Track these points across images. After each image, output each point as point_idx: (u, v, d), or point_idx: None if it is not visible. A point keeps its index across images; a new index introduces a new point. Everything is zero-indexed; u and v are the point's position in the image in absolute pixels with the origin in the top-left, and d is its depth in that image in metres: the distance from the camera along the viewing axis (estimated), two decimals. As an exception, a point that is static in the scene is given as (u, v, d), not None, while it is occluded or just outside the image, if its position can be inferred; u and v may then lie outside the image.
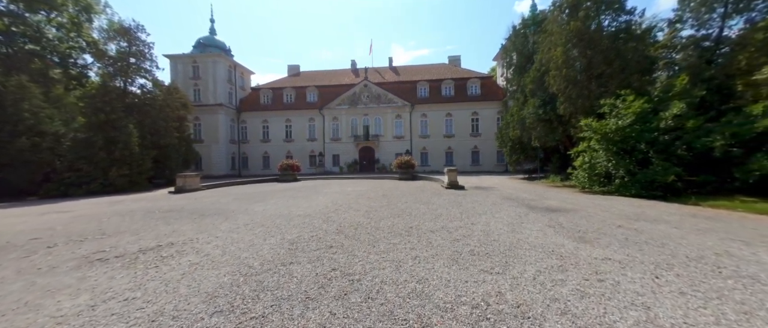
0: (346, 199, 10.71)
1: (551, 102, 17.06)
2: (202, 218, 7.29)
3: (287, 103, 37.42)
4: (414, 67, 42.99)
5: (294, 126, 37.07)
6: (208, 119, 33.89)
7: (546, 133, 17.46)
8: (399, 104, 35.73)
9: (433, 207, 8.61)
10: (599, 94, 14.30)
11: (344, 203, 9.70)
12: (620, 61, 14.35)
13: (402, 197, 11.08)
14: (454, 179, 15.13)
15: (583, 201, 9.47)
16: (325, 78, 40.71)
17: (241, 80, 38.20)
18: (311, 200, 10.66)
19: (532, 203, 9.19)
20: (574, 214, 7.24)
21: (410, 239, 4.96)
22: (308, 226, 6.02)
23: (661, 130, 10.71)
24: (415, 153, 35.52)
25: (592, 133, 11.87)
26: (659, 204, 8.72)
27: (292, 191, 14.09)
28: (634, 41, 14.35)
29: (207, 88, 33.87)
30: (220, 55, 34.02)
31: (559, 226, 5.92)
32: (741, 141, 8.99)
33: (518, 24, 23.46)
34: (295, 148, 36.95)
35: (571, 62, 15.00)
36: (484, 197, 11.08)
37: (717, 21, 14.28)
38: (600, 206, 8.33)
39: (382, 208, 8.48)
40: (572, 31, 14.79)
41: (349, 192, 13.28)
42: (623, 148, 11.58)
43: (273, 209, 8.41)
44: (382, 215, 7.37)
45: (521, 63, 22.74)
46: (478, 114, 34.76)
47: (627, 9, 14.54)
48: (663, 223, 6.11)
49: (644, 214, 7.13)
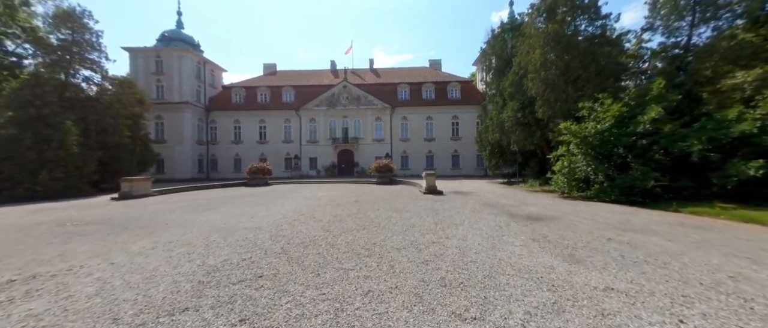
0: (313, 206, 9.57)
1: (530, 105, 16.83)
2: (120, 233, 5.90)
3: (261, 102, 35.50)
4: (395, 70, 42.46)
5: (268, 127, 35.18)
6: (173, 118, 31.32)
7: (525, 137, 17.20)
8: (379, 106, 34.91)
9: (406, 216, 7.69)
10: (576, 97, 14.13)
11: (308, 211, 8.57)
12: (596, 65, 14.31)
13: (375, 204, 10.10)
14: (433, 184, 14.39)
15: (564, 208, 8.94)
16: (303, 78, 39.18)
17: (211, 77, 35.83)
18: (272, 207, 9.42)
19: (512, 210, 8.52)
20: (557, 223, 6.58)
21: (369, 261, 3.97)
22: (247, 244, 4.87)
23: (638, 135, 10.49)
24: (396, 156, 34.78)
25: (572, 136, 11.53)
26: (641, 211, 8.33)
27: (256, 197, 12.71)
28: (609, 46, 14.38)
29: (171, 85, 31.34)
30: (187, 50, 31.65)
31: (545, 239, 5.17)
32: (718, 146, 8.85)
33: (497, 28, 23.42)
34: (269, 150, 35.03)
35: (549, 65, 14.80)
36: (462, 203, 10.35)
37: (686, 29, 14.62)
38: (583, 214, 7.77)
39: (348, 217, 7.44)
40: (550, 33, 14.61)
41: (320, 198, 12.12)
42: (602, 153, 11.31)
43: (219, 220, 7.12)
44: (345, 226, 6.33)
45: (500, 67, 22.64)
46: (458, 118, 34.63)
47: (602, 14, 14.57)
48: (653, 234, 5.53)
49: (630, 223, 6.58)
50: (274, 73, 40.80)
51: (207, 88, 34.89)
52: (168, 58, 31.52)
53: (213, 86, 36.06)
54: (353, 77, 37.94)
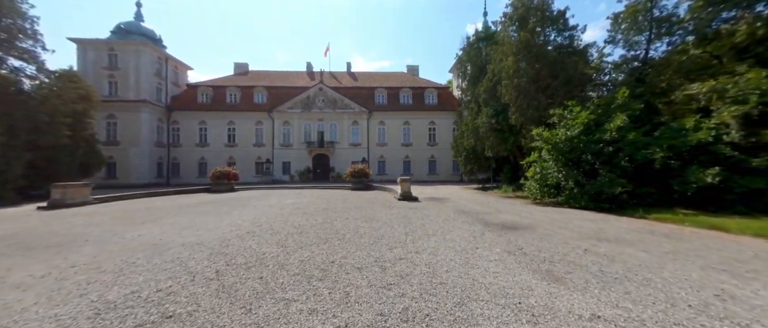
0: (274, 215, 8.67)
1: (503, 112, 17.04)
2: (14, 254, 4.72)
3: (231, 103, 33.49)
4: (372, 74, 42.14)
5: (238, 129, 33.21)
6: (128, 118, 28.53)
7: (498, 143, 17.36)
8: (356, 110, 34.26)
9: (376, 226, 7.07)
10: (547, 105, 14.43)
11: (267, 221, 7.68)
12: (564, 74, 14.75)
13: (345, 212, 9.40)
14: (408, 190, 13.93)
15: (537, 215, 8.78)
16: (277, 79, 37.62)
17: (173, 75, 33.28)
18: (228, 217, 8.39)
19: (486, 218, 8.20)
20: (532, 233, 6.28)
21: (320, 287, 3.29)
22: (175, 267, 3.99)
23: (605, 142, 10.73)
24: (373, 161, 34.21)
25: (544, 142, 11.60)
26: (610, 218, 8.35)
27: (214, 205, 11.49)
28: (576, 56, 14.91)
29: (127, 81, 28.62)
30: (145, 44, 29.13)
31: (520, 252, 4.78)
32: (677, 154, 9.18)
33: (472, 37, 23.83)
34: (238, 153, 33.03)
35: (521, 73, 15.05)
36: (437, 210, 9.93)
37: (644, 44, 15.54)
38: (556, 222, 7.60)
39: (311, 229, 6.68)
40: (521, 42, 14.88)
41: (286, 206, 11.18)
42: (571, 159, 11.46)
43: (154, 235, 6.07)
44: (305, 240, 5.58)
45: (475, 74, 22.98)
46: (435, 123, 34.83)
47: (570, 25, 15.11)
48: (627, 244, 5.35)
49: (603, 232, 6.44)
50: (246, 73, 38.85)
51: (169, 87, 32.32)
52: (123, 53, 28.80)
53: (176, 85, 33.50)
54: (330, 80, 37.06)
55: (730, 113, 8.35)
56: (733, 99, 8.60)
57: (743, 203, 7.89)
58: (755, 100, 7.97)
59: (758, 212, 7.53)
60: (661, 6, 14.92)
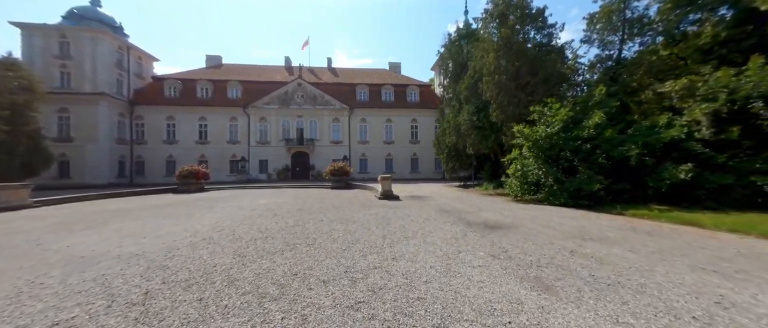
0: (241, 218, 7.88)
1: (485, 109, 16.97)
2: None
3: (202, 97, 31.49)
4: (353, 71, 41.27)
5: (210, 125, 31.32)
6: (83, 112, 25.99)
7: (480, 141, 17.29)
8: (337, 107, 33.35)
9: (352, 228, 6.52)
10: (527, 102, 14.46)
11: (231, 225, 6.90)
12: (544, 72, 14.85)
13: (321, 213, 8.76)
14: (388, 189, 13.45)
15: (519, 213, 8.59)
16: (253, 73, 35.89)
17: (137, 67, 30.77)
18: (186, 221, 7.50)
19: (469, 217, 7.87)
20: (516, 233, 5.99)
21: (272, 310, 2.70)
22: (94, 287, 3.24)
23: (583, 139, 10.78)
24: (354, 159, 33.51)
25: (524, 139, 11.51)
26: (590, 215, 8.29)
27: (175, 207, 10.43)
28: (555, 54, 15.06)
29: (82, 72, 26.05)
30: (103, 32, 26.63)
31: (505, 255, 4.42)
32: (651, 151, 9.33)
33: (453, 34, 23.71)
34: (211, 151, 31.17)
35: (501, 69, 14.98)
36: (418, 209, 9.52)
37: (617, 44, 15.98)
38: (538, 220, 7.40)
39: (279, 233, 6.01)
40: (502, 38, 14.81)
41: (256, 207, 10.34)
42: (551, 156, 11.46)
43: (89, 245, 5.16)
44: (268, 247, 4.93)
45: (457, 71, 22.88)
46: (417, 121, 34.63)
47: (549, 23, 15.21)
48: (612, 243, 5.16)
49: (586, 230, 6.27)
50: (219, 67, 36.73)
51: (132, 79, 29.85)
52: (77, 40, 26.16)
53: (140, 77, 31.01)
54: (309, 75, 35.83)
55: (701, 111, 8.54)
56: (703, 97, 8.83)
57: (713, 199, 8.10)
58: (724, 98, 8.19)
59: (727, 207, 7.74)
60: (633, 7, 15.38)
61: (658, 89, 10.95)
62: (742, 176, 7.94)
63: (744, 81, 7.93)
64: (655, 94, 11.03)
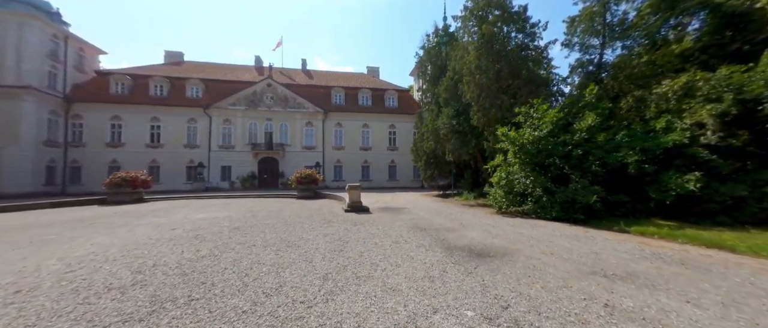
0: (141, 244, 5.67)
1: (465, 112, 15.72)
2: None
3: (156, 95, 28.16)
4: (329, 73, 39.43)
5: (165, 127, 27.96)
6: (2, 108, 21.95)
7: (460, 146, 15.96)
8: (310, 110, 31.20)
9: (288, 260, 4.59)
10: (510, 104, 13.33)
11: (109, 258, 4.72)
12: (527, 73, 13.87)
13: (261, 233, 6.72)
14: (357, 199, 11.60)
15: (509, 232, 7.05)
16: (217, 72, 32.95)
17: (77, 59, 26.96)
18: (46, 249, 5.19)
19: (449, 238, 6.20)
20: (512, 265, 4.36)
21: None
22: None
23: (574, 144, 9.62)
24: (328, 166, 31.34)
25: (510, 144, 10.18)
26: (591, 233, 6.92)
27: (67, 226, 7.89)
28: (537, 53, 14.17)
29: (3, 62, 22.14)
30: (33, 16, 22.92)
31: (509, 317, 2.71)
32: (651, 157, 8.25)
33: (432, 34, 22.68)
34: (164, 156, 27.74)
35: (483, 69, 13.81)
36: (388, 225, 7.74)
37: (598, 48, 15.44)
38: (536, 242, 5.87)
39: (168, 272, 3.96)
40: (483, 35, 13.69)
41: (183, 225, 8.07)
42: (539, 163, 10.21)
43: None
44: (109, 312, 2.90)
45: (435, 74, 21.72)
46: (395, 127, 33.21)
47: (532, 22, 14.33)
48: (652, 286, 3.65)
49: (600, 258, 4.78)
50: (180, 64, 33.44)
51: (70, 72, 26.01)
52: (1, 24, 22.27)
53: (80, 71, 27.17)
54: (281, 77, 33.49)
55: (707, 112, 7.58)
56: (705, 97, 7.93)
57: (725, 213, 7.06)
58: (731, 99, 7.27)
59: (743, 223, 6.69)
60: (614, 11, 14.94)
61: (655, 90, 10.07)
62: (755, 187, 6.96)
63: (756, 77, 7.04)
64: (654, 94, 10.13)
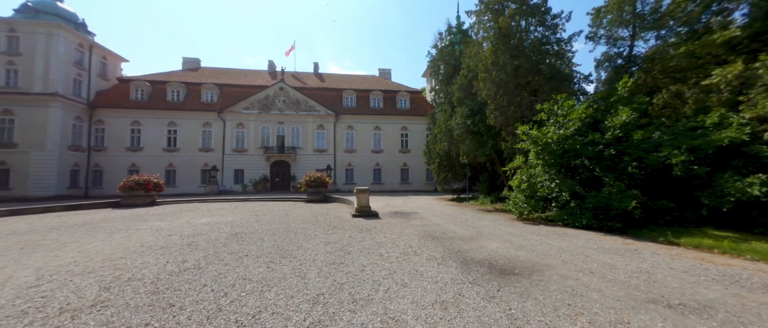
0: (131, 252, 5.27)
1: (480, 112, 14.83)
2: None
3: (173, 101, 28.81)
4: (340, 76, 39.25)
5: (181, 131, 28.50)
6: (31, 114, 23.00)
7: (475, 147, 15.05)
8: (322, 113, 31.01)
9: (280, 274, 4.01)
10: (530, 102, 12.37)
11: (87, 269, 4.31)
12: (549, 67, 12.87)
13: (259, 241, 6.21)
14: (365, 204, 11.00)
15: (535, 241, 6.19)
16: (231, 77, 33.48)
17: (101, 67, 28.05)
18: (26, 259, 4.86)
19: (465, 249, 5.43)
20: (543, 287, 3.57)
21: None
22: None
23: (605, 142, 8.59)
24: (340, 169, 30.97)
25: (532, 143, 9.26)
26: (635, 245, 5.94)
27: (67, 230, 7.71)
28: (560, 46, 13.13)
29: (32, 70, 23.22)
30: (58, 26, 23.98)
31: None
32: (702, 157, 7.14)
33: (445, 32, 21.92)
34: (180, 160, 28.24)
35: (500, 65, 12.92)
36: (397, 234, 7.05)
37: (627, 40, 14.19)
38: (569, 257, 5.01)
39: (139, 289, 3.47)
40: (500, 28, 12.83)
41: (183, 230, 7.73)
42: (564, 164, 9.23)
43: None
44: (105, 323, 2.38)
45: (448, 73, 20.95)
46: (407, 129, 32.47)
47: (554, 13, 13.33)
48: (728, 318, 2.79)
49: (657, 280, 3.89)
50: (197, 70, 34.26)
51: (94, 80, 27.07)
52: (29, 35, 23.46)
53: (104, 78, 28.26)
54: (294, 81, 33.60)
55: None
56: None
57: (800, 223, 5.92)
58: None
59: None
60: (645, 0, 13.68)
61: (704, 81, 8.90)
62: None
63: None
64: (702, 86, 8.97)
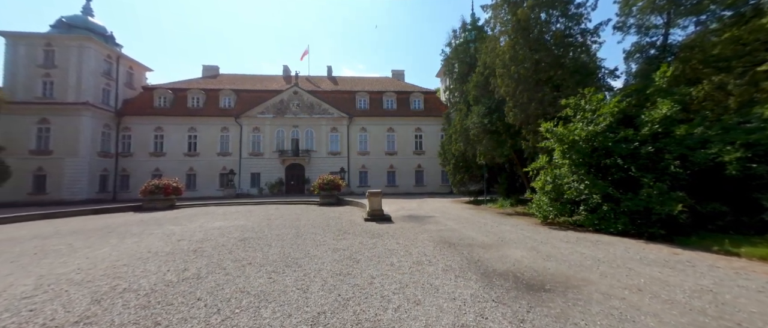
0: (133, 259, 5.15)
1: (498, 110, 14.08)
2: None
3: (193, 107, 29.80)
4: (353, 78, 39.26)
5: (201, 136, 29.40)
6: (65, 123, 24.46)
7: (493, 147, 14.30)
8: (335, 115, 31.07)
9: (279, 287, 3.68)
10: (553, 98, 11.55)
11: (84, 279, 4.18)
12: (573, 60, 12.00)
13: (266, 247, 5.95)
14: (377, 207, 10.60)
15: (565, 250, 5.55)
16: (248, 82, 34.26)
17: (127, 76, 29.49)
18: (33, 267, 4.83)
19: (486, 258, 4.90)
20: (584, 307, 3.01)
21: None
22: None
23: (642, 139, 7.74)
24: (353, 171, 30.83)
25: (557, 141, 8.54)
26: (690, 257, 5.16)
27: (91, 235, 7.82)
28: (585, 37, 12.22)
29: (65, 81, 24.71)
30: (89, 39, 25.42)
31: None
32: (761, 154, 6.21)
33: (459, 29, 21.25)
34: (200, 163, 29.10)
35: (519, 59, 12.18)
36: (410, 239, 6.60)
37: (661, 28, 13.02)
38: (607, 268, 4.36)
39: (129, 303, 3.24)
40: (519, 20, 12.11)
41: (194, 234, 7.65)
42: (594, 164, 8.43)
43: None
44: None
45: (463, 71, 20.22)
46: (421, 130, 31.89)
47: (577, 2, 12.42)
48: None
49: (727, 303, 3.23)
50: (215, 77, 35.36)
51: (121, 89, 28.49)
52: (63, 49, 25.02)
53: (130, 87, 29.68)
54: (307, 84, 33.94)
55: None
56: None
57: None
58: None
59: None
60: (683, -19, 12.48)
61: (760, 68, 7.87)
62: None
63: None
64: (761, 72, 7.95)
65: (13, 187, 22.14)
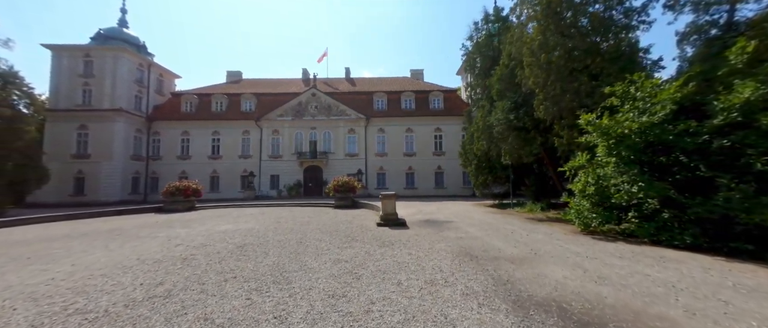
0: (126, 267, 4.71)
1: (525, 104, 12.75)
2: None
3: (216, 111, 30.74)
4: (371, 79, 38.82)
5: (223, 140, 30.21)
6: (101, 129, 26.05)
7: (520, 145, 12.95)
8: (352, 117, 30.69)
9: (272, 304, 2.95)
10: (591, 88, 10.11)
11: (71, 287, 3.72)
12: (614, 45, 10.48)
13: (264, 257, 5.32)
14: (391, 211, 9.76)
15: (622, 271, 4.37)
16: (268, 86, 34.89)
17: (157, 84, 31.04)
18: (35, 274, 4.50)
19: (517, 279, 3.88)
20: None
21: None
22: None
23: (714, 130, 6.28)
24: (371, 173, 30.20)
25: (600, 136, 7.23)
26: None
27: (95, 237, 7.69)
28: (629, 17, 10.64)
29: (102, 89, 26.35)
30: (124, 50, 27.00)
31: None
32: None
33: (481, 21, 19.95)
34: (222, 166, 29.87)
35: (551, 46, 10.86)
36: (425, 250, 5.68)
37: (725, 4, 11.07)
38: (693, 300, 3.22)
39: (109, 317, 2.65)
40: (551, 3, 10.79)
41: (195, 238, 7.26)
42: (648, 162, 7.03)
43: None
44: None
45: (486, 66, 18.88)
46: (441, 130, 30.65)
47: (618, -23, 10.89)
48: None
49: None
50: (238, 82, 36.42)
51: (152, 96, 30.00)
52: (100, 59, 26.73)
53: (160, 93, 31.21)
54: (325, 87, 33.91)
55: None
56: None
57: None
58: None
59: None
60: (751, -53, 10.54)
61: None
62: None
63: None
64: None
65: (57, 189, 23.79)
